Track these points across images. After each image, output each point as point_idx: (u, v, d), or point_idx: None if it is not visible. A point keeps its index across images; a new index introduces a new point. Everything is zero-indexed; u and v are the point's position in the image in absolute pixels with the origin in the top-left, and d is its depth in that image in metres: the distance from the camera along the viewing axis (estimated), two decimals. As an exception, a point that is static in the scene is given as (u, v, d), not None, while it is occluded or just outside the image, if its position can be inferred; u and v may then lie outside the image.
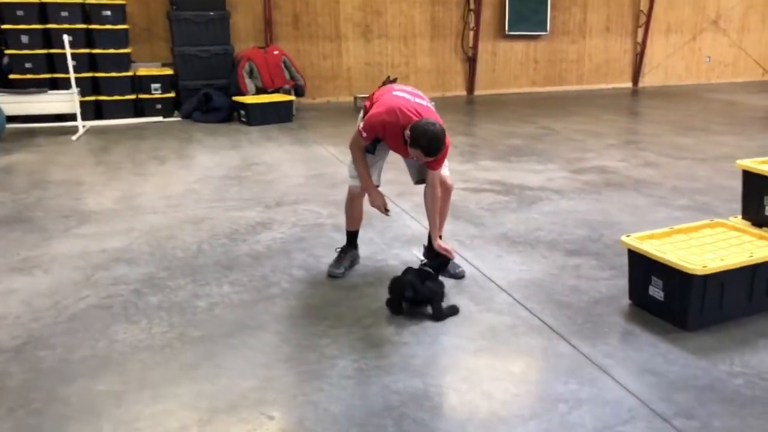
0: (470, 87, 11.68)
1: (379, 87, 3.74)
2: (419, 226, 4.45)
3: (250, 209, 4.99)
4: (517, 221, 4.64)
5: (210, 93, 8.94)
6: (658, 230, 3.37)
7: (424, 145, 3.19)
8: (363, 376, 2.69)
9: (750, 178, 3.43)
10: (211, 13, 9.33)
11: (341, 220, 4.68)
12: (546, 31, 11.88)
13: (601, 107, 10.36)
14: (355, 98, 10.49)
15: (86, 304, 3.38)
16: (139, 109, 9.09)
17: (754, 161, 3.47)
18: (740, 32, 13.39)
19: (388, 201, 3.73)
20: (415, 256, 3.53)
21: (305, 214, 4.83)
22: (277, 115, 8.88)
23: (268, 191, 5.50)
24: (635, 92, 12.28)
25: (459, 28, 11.46)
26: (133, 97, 8.99)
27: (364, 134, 3.41)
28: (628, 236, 3.28)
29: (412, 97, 3.45)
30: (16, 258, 4.00)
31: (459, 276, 3.65)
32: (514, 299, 3.38)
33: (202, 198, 5.32)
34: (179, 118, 9.19)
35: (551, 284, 3.57)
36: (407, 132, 3.23)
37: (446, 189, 3.63)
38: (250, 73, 9.30)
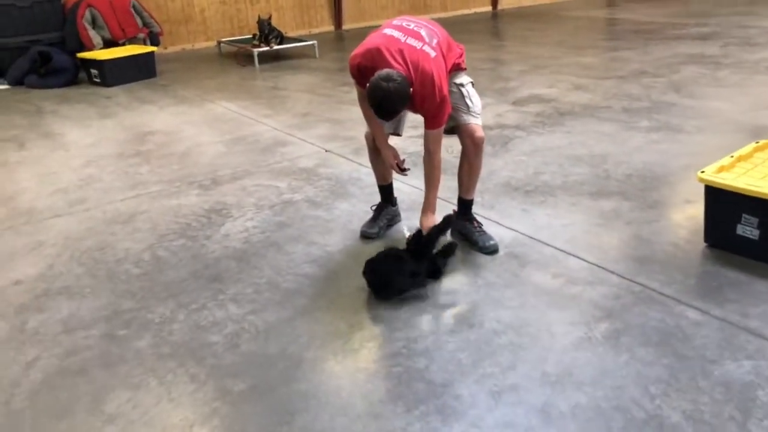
0: (338, 22, 10.78)
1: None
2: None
3: (184, 194, 3.96)
4: (508, 166, 4.12)
5: (47, 51, 7.24)
6: (723, 161, 3.01)
7: (373, 105, 2.60)
8: (499, 400, 2.06)
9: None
10: (27, -50, 7.51)
11: (311, 191, 3.90)
12: (405, -44, 11.25)
13: (481, 32, 10.07)
14: (219, 43, 9.21)
15: (43, 373, 2.33)
16: (-51, 78, 7.19)
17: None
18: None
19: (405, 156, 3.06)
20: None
21: (261, 192, 3.92)
22: (139, 71, 7.46)
23: (190, 167, 4.45)
24: (496, 15, 12.18)
25: (318, -44, 10.44)
26: (-61, 64, 7.06)
27: (354, 79, 2.85)
28: (702, 172, 2.90)
29: (404, 36, 2.73)
30: None
31: (489, 250, 3.01)
32: (590, 263, 2.88)
33: (111, 186, 4.15)
34: (7, 86, 7.40)
35: (608, 237, 3.12)
36: None
37: (475, 144, 2.97)
38: (93, 23, 7.69)
